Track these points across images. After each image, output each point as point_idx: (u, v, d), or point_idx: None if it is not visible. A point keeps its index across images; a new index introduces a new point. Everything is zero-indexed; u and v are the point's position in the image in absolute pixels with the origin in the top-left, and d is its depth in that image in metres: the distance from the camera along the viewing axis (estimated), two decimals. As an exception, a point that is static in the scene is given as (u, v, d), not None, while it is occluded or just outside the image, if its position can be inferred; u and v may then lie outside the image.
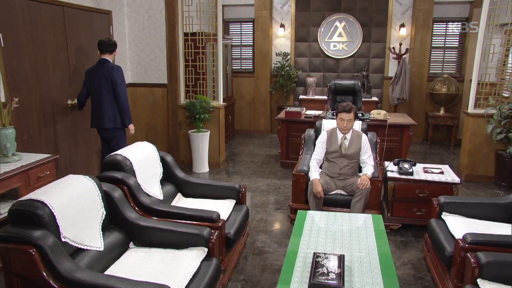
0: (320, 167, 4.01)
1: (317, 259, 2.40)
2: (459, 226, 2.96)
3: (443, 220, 3.14)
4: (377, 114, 5.63)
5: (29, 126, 3.88)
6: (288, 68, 7.60)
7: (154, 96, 5.85)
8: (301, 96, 7.75)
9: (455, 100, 7.26)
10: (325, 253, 2.47)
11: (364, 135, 3.92)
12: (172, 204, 3.42)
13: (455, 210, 3.18)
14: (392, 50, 7.37)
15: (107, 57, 4.17)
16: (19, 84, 3.74)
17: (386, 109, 7.64)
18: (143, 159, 3.30)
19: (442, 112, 7.28)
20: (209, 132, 5.68)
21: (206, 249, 2.63)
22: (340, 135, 3.88)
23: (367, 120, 5.44)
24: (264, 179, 5.46)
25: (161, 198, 3.32)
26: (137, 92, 5.87)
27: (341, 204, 3.80)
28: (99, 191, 2.59)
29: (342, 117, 3.76)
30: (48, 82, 4.12)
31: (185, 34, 5.72)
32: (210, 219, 2.89)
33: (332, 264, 2.34)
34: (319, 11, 7.66)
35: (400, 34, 7.50)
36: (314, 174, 3.77)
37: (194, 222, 2.87)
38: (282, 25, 7.73)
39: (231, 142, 7.48)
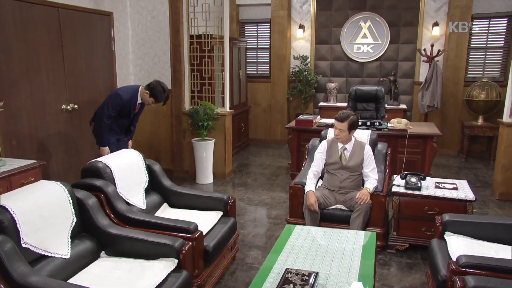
0: (322, 179, 4.07)
1: (287, 275, 2.46)
2: (461, 247, 2.92)
3: (446, 241, 3.11)
4: (398, 123, 5.60)
5: (18, 131, 4.19)
6: (306, 72, 7.68)
7: (158, 102, 6.08)
8: (321, 103, 7.80)
9: (496, 108, 7.05)
10: (297, 269, 2.53)
11: (367, 146, 3.94)
12: (155, 214, 3.58)
13: (460, 229, 3.14)
14: (423, 52, 7.29)
15: (140, 91, 4.39)
16: (8, 88, 4.05)
17: (417, 118, 7.56)
18: (126, 167, 3.49)
19: (480, 121, 7.10)
20: (213, 140, 5.85)
21: (176, 261, 2.75)
22: (340, 145, 3.92)
23: (385, 129, 5.42)
24: (270, 192, 5.54)
25: (144, 207, 3.48)
26: (140, 97, 6.13)
27: (340, 220, 3.83)
28: (70, 198, 2.79)
29: (335, 124, 3.82)
30: (41, 85, 4.43)
31: (191, 37, 5.95)
32: (186, 230, 3.02)
33: (301, 281, 2.39)
34: (342, 10, 7.72)
35: (433, 34, 7.42)
36: (309, 186, 3.84)
37: (170, 233, 3.00)
38: (301, 26, 7.85)
39: (243, 152, 7.62)
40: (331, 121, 6.01)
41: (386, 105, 7.25)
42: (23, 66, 4.19)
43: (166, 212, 3.65)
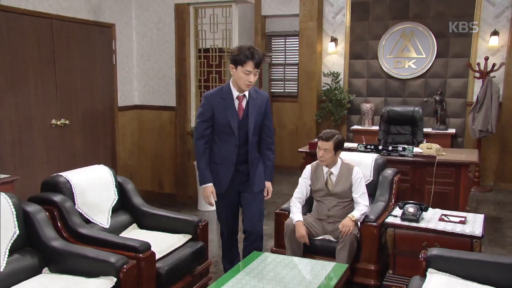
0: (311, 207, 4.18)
1: (216, 301, 2.62)
2: (438, 287, 2.90)
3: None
4: (428, 148, 5.54)
5: (0, 145, 4.70)
6: (337, 91, 7.79)
7: (161, 121, 6.51)
8: (354, 127, 7.85)
9: None
10: (231, 296, 2.68)
11: (355, 169, 3.99)
12: (121, 234, 3.86)
13: (447, 267, 3.09)
14: (477, 66, 7.14)
15: (231, 81, 3.62)
16: (-11, 100, 4.60)
17: (470, 145, 7.37)
18: (90, 183, 3.82)
19: (547, 150, 6.81)
20: (217, 163, 6.10)
21: (115, 279, 2.99)
22: (325, 169, 4.02)
23: (409, 156, 5.38)
24: (272, 221, 5.65)
25: (107, 226, 3.79)
26: (144, 115, 6.60)
27: (327, 252, 3.88)
28: (14, 210, 3.14)
29: (319, 145, 3.92)
30: (28, 98, 4.96)
31: (198, 51, 6.35)
32: (135, 249, 3.26)
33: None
34: (380, 20, 7.82)
35: (490, 45, 7.27)
36: (297, 215, 3.93)
37: (119, 251, 3.24)
38: (333, 39, 8.02)
39: (262, 180, 7.79)
40: (353, 145, 6.06)
41: (430, 130, 7.24)
42: (8, 77, 4.73)
43: (133, 233, 3.92)
